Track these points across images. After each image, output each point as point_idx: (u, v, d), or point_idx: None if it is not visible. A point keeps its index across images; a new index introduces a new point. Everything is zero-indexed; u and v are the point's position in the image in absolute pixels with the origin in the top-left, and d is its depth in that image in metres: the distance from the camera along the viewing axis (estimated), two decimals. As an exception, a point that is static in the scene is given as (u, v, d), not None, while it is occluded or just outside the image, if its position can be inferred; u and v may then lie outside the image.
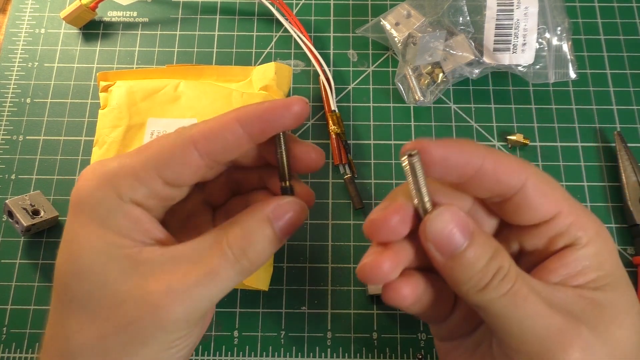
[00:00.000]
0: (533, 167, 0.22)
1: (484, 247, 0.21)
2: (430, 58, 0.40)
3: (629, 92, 0.43)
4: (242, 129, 0.23)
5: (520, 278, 0.21)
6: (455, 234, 0.21)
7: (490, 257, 0.21)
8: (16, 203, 0.37)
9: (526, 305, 0.20)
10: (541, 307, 0.20)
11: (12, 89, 0.43)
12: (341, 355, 0.36)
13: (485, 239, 0.21)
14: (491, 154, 0.22)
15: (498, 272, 0.21)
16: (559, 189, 0.23)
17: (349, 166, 0.40)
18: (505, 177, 0.22)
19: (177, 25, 0.45)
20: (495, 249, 0.21)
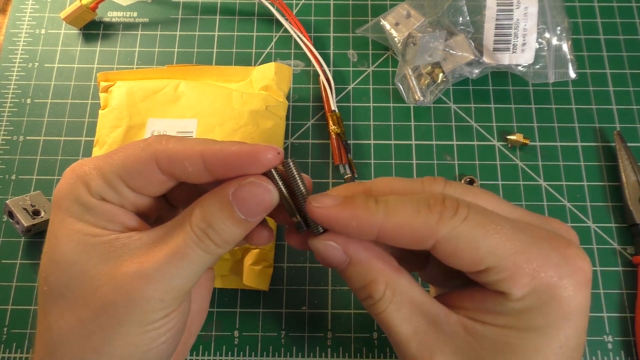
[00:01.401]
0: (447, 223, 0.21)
1: (355, 277, 0.24)
2: (430, 58, 0.40)
3: (628, 92, 0.43)
4: (204, 164, 0.23)
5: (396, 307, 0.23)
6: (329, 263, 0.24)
7: (362, 286, 0.23)
8: (16, 203, 0.37)
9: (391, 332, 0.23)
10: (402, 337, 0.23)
11: (12, 89, 0.43)
12: (341, 355, 0.36)
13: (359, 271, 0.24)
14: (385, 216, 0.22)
15: (368, 298, 0.23)
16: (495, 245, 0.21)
17: (349, 166, 0.40)
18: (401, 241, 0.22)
19: (177, 25, 0.45)
20: (368, 280, 0.23)
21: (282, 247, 0.38)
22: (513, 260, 0.21)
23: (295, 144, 0.41)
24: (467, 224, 0.21)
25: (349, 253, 0.24)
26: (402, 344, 0.23)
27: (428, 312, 0.23)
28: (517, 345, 0.22)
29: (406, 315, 0.23)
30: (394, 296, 0.23)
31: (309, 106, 0.42)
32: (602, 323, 0.36)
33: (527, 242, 0.22)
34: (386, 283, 0.23)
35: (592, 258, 0.38)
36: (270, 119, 0.38)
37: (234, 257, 0.35)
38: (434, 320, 0.23)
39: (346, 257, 0.24)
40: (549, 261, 0.21)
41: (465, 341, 0.22)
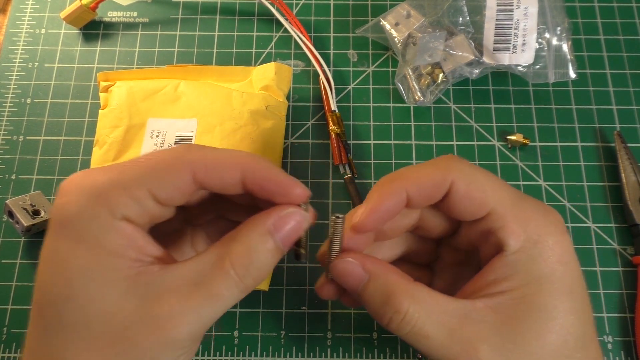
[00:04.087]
0: (458, 168, 0.24)
1: (376, 294, 0.24)
2: (430, 58, 0.40)
3: (628, 92, 0.43)
4: (242, 178, 0.23)
5: (425, 315, 0.23)
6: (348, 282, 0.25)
7: (384, 302, 0.24)
8: (16, 203, 0.37)
9: (428, 342, 0.23)
10: (439, 342, 0.23)
11: (12, 89, 0.43)
12: (341, 355, 0.36)
13: (378, 286, 0.24)
14: (412, 172, 0.25)
15: (395, 315, 0.23)
16: (496, 190, 0.24)
17: (349, 166, 0.40)
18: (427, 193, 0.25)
19: (177, 25, 0.45)
20: (389, 294, 0.23)
21: (282, 247, 0.38)
22: (510, 206, 0.24)
23: (295, 144, 0.41)
24: (473, 169, 0.25)
25: (367, 268, 0.24)
26: (443, 348, 0.23)
27: (455, 309, 0.23)
28: (536, 300, 0.22)
29: (437, 320, 0.23)
30: (420, 305, 0.23)
31: (309, 106, 0.42)
32: (602, 323, 0.36)
33: (518, 197, 0.24)
34: (409, 294, 0.23)
35: (592, 258, 0.38)
36: (270, 119, 0.38)
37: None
38: (463, 315, 0.23)
39: (365, 274, 0.24)
40: (535, 212, 0.24)
41: (497, 320, 0.23)
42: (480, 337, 0.23)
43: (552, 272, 0.23)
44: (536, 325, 0.22)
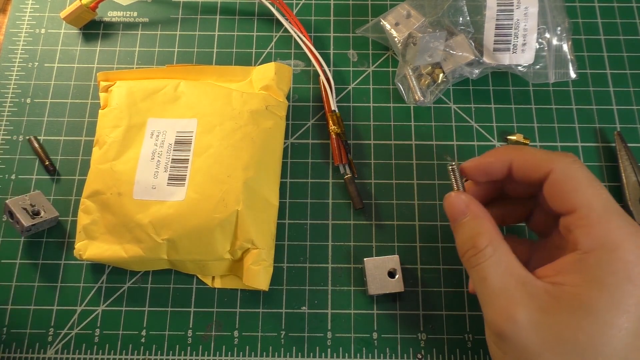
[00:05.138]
0: (564, 162, 0.27)
1: (467, 228, 0.29)
2: (430, 59, 0.40)
3: (629, 92, 0.43)
4: None
5: (494, 262, 0.27)
6: (451, 211, 0.30)
7: (470, 236, 0.28)
8: (16, 203, 0.37)
9: (484, 284, 0.27)
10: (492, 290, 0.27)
11: (12, 89, 0.43)
12: (341, 355, 0.36)
13: (472, 223, 0.29)
14: (520, 152, 0.29)
15: (472, 249, 0.28)
16: (589, 193, 0.26)
17: (349, 166, 0.40)
18: (525, 170, 0.29)
19: (177, 25, 0.45)
20: (476, 232, 0.28)
21: (282, 247, 0.38)
22: (597, 211, 0.25)
23: (295, 144, 0.41)
24: (578, 167, 0.27)
25: (471, 207, 0.29)
26: (493, 295, 0.27)
27: (519, 274, 0.27)
28: (589, 303, 0.24)
29: (501, 272, 0.27)
30: (495, 253, 0.27)
31: (309, 106, 0.42)
32: None
33: (615, 210, 0.26)
34: (490, 240, 0.28)
35: (592, 258, 0.38)
36: (270, 119, 0.38)
37: (233, 257, 0.35)
38: (522, 282, 0.26)
39: (466, 210, 0.29)
40: (625, 229, 0.25)
41: (546, 302, 0.25)
42: (525, 305, 0.25)
43: (616, 284, 0.24)
44: (579, 325, 0.24)
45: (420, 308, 0.37)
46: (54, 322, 0.36)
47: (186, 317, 0.37)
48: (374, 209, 0.39)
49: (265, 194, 0.36)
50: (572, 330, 0.24)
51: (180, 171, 0.36)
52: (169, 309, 0.37)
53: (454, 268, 0.38)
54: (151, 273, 0.38)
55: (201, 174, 0.36)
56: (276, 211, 0.37)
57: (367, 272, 0.36)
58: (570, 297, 0.25)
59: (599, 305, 0.24)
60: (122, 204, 0.35)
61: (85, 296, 0.37)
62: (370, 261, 0.36)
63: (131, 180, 0.36)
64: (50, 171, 0.40)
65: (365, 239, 0.38)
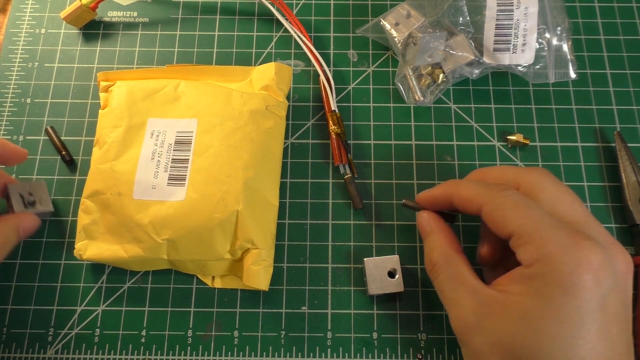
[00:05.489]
0: (489, 195, 0.30)
1: (426, 244, 0.33)
2: (430, 59, 0.40)
3: (629, 92, 0.43)
4: None
5: (447, 274, 0.30)
6: (420, 229, 0.34)
7: (428, 251, 0.32)
8: (16, 189, 0.36)
9: (441, 295, 0.31)
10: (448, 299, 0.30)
11: (12, 89, 0.43)
12: (341, 355, 0.36)
13: (429, 239, 0.33)
14: (457, 188, 0.32)
15: (429, 263, 0.32)
16: (520, 216, 0.28)
17: (349, 166, 0.40)
18: (462, 205, 0.31)
19: (177, 25, 0.45)
20: (432, 247, 0.32)
21: (282, 247, 0.38)
22: (529, 231, 0.27)
23: (295, 144, 0.41)
24: (505, 196, 0.29)
25: (431, 224, 0.33)
26: (450, 304, 0.30)
27: (469, 284, 0.29)
28: (527, 311, 0.26)
29: (453, 283, 0.30)
30: (447, 266, 0.30)
31: (309, 106, 0.42)
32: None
33: (549, 226, 0.27)
34: (442, 254, 0.31)
35: (592, 258, 0.38)
36: (270, 119, 0.38)
37: (233, 257, 0.35)
38: (473, 291, 0.29)
39: (430, 227, 0.33)
40: (560, 242, 0.26)
41: (492, 308, 0.27)
42: (474, 312, 0.28)
43: (551, 295, 0.26)
44: (517, 331, 0.26)
45: (420, 308, 0.37)
46: (54, 322, 0.36)
47: (186, 317, 0.37)
48: (374, 209, 0.39)
49: (265, 194, 0.36)
50: (511, 335, 0.26)
51: (180, 171, 0.36)
52: (169, 309, 0.37)
53: (454, 268, 0.38)
54: (151, 273, 0.38)
55: (201, 174, 0.36)
56: (276, 211, 0.37)
57: (367, 272, 0.36)
58: (512, 305, 0.27)
59: (535, 313, 0.26)
60: (122, 204, 0.35)
61: (85, 296, 0.37)
62: (370, 261, 0.36)
63: (131, 180, 0.36)
64: (67, 162, 0.40)
65: (365, 239, 0.38)
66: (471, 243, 0.38)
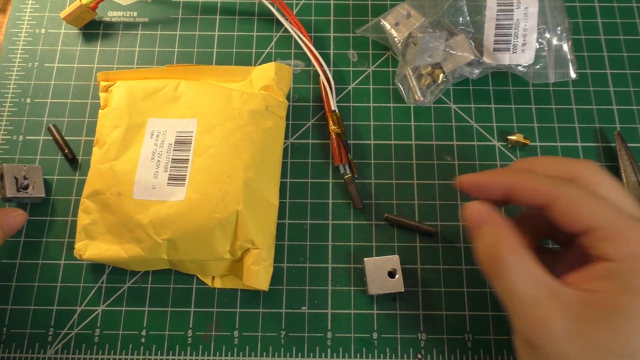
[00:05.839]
0: (564, 189, 0.27)
1: (488, 236, 0.28)
2: (430, 59, 0.40)
3: (629, 92, 0.43)
4: None
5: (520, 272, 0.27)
6: (471, 219, 0.29)
7: (491, 244, 0.28)
8: (11, 170, 0.37)
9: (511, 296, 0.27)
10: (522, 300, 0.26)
11: (12, 89, 0.43)
12: (341, 355, 0.36)
13: (493, 231, 0.28)
14: (522, 179, 0.29)
15: (493, 258, 0.28)
16: (603, 209, 0.26)
17: (349, 166, 0.40)
18: (527, 197, 0.28)
19: (177, 25, 0.45)
20: (497, 240, 0.28)
21: (282, 247, 0.38)
22: (615, 226, 0.25)
23: (295, 144, 0.41)
24: (581, 193, 0.26)
25: (492, 216, 0.29)
26: (524, 305, 0.26)
27: (548, 283, 0.26)
28: (625, 310, 0.24)
29: (529, 282, 0.26)
30: (520, 263, 0.27)
31: (309, 106, 0.42)
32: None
33: (631, 219, 0.25)
34: (513, 249, 0.27)
35: (592, 258, 0.38)
36: (270, 119, 0.38)
37: (233, 257, 0.35)
38: (552, 291, 0.26)
39: (487, 219, 0.29)
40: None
41: (580, 310, 0.25)
42: (559, 315, 0.25)
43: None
44: (617, 332, 0.24)
45: (420, 308, 0.37)
46: (54, 322, 0.36)
47: (186, 317, 0.37)
48: (374, 209, 0.39)
49: (265, 194, 0.36)
50: (610, 337, 0.24)
51: (180, 171, 0.36)
52: (169, 309, 0.37)
53: (454, 268, 0.38)
54: (151, 273, 0.38)
55: (201, 174, 0.36)
56: (276, 211, 0.37)
57: (367, 272, 0.36)
58: (606, 304, 0.25)
59: (636, 311, 0.24)
60: (122, 204, 0.35)
61: (85, 296, 0.37)
62: (370, 261, 0.36)
63: (131, 180, 0.36)
64: (69, 160, 0.40)
65: (365, 239, 0.38)
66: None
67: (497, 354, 0.36)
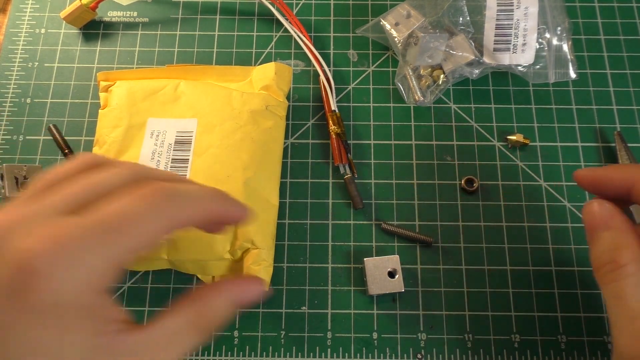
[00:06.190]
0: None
1: (607, 240, 0.26)
2: (430, 60, 0.40)
3: (629, 92, 0.43)
4: None
5: (636, 281, 0.25)
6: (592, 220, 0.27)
7: (610, 249, 0.26)
8: (12, 170, 0.37)
9: (619, 303, 0.25)
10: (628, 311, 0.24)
11: (12, 89, 0.43)
12: (341, 355, 0.36)
13: (614, 235, 0.26)
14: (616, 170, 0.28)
15: (610, 264, 0.25)
16: None
17: (349, 166, 0.40)
18: (614, 182, 0.27)
19: (177, 25, 0.45)
20: (617, 245, 0.26)
21: (282, 247, 0.38)
22: None
23: (295, 144, 0.41)
24: None
25: (616, 219, 0.27)
26: (630, 317, 0.24)
27: None
28: None
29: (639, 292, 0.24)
30: (638, 271, 0.25)
31: (309, 106, 0.42)
32: (602, 323, 0.36)
33: None
34: (634, 256, 0.25)
35: (592, 258, 0.38)
36: (270, 119, 0.38)
37: (233, 257, 0.35)
38: None
39: (609, 222, 0.27)
40: None
41: None
42: None
43: None
44: None
45: (420, 308, 0.37)
46: (54, 322, 0.36)
47: (186, 317, 0.37)
48: (374, 209, 0.39)
49: (265, 194, 0.36)
50: None
51: (180, 171, 0.36)
52: (169, 309, 0.37)
53: (454, 268, 0.38)
54: (151, 273, 0.38)
55: (201, 174, 0.36)
56: (276, 211, 0.37)
57: (367, 272, 0.36)
58: None
59: None
60: (122, 204, 0.35)
61: (85, 296, 0.37)
62: (370, 261, 0.36)
63: (131, 180, 0.36)
64: None
65: (365, 239, 0.38)
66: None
67: (497, 354, 0.36)
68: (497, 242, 0.38)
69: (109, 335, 0.20)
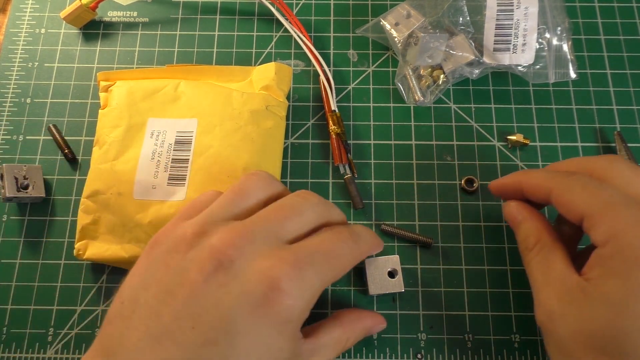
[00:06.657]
0: (558, 180, 0.30)
1: (522, 230, 0.32)
2: (430, 60, 0.40)
3: (629, 92, 0.43)
4: None
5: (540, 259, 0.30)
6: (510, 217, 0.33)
7: (524, 237, 0.32)
8: (11, 170, 0.37)
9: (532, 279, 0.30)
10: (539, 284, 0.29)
11: (12, 89, 0.43)
12: (341, 355, 0.36)
13: (525, 225, 0.32)
14: (526, 176, 0.32)
15: (525, 249, 0.31)
16: (590, 197, 0.27)
17: (349, 166, 0.40)
18: (532, 192, 0.31)
19: (177, 25, 0.45)
20: (528, 233, 0.31)
21: (282, 247, 0.38)
22: (598, 209, 0.27)
23: (295, 144, 0.41)
24: (572, 181, 0.29)
25: (524, 212, 0.32)
26: (537, 290, 0.29)
27: (560, 270, 0.28)
28: (606, 294, 0.25)
29: (544, 268, 0.29)
30: (541, 251, 0.30)
31: (309, 106, 0.42)
32: (602, 323, 0.36)
33: (619, 203, 0.27)
34: (538, 239, 0.30)
35: (592, 258, 0.38)
36: (270, 119, 0.38)
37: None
38: (561, 278, 0.28)
39: (521, 216, 0.32)
40: (630, 218, 0.26)
41: (576, 295, 0.27)
42: (560, 299, 0.27)
43: (628, 272, 0.25)
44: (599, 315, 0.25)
45: (420, 308, 0.37)
46: (54, 322, 0.36)
47: (186, 317, 0.37)
48: (374, 209, 0.39)
49: (265, 194, 0.36)
50: (594, 321, 0.25)
51: (181, 171, 0.36)
52: (169, 309, 0.37)
53: (454, 268, 0.38)
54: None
55: (201, 174, 0.36)
56: (276, 211, 0.37)
57: (367, 272, 0.36)
58: (593, 290, 0.26)
59: (615, 294, 0.25)
60: (122, 204, 0.35)
61: (85, 296, 0.37)
62: (370, 261, 0.36)
63: (131, 180, 0.36)
64: (69, 159, 0.40)
65: (365, 239, 0.38)
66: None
67: (497, 354, 0.36)
68: (497, 242, 0.38)
69: (300, 341, 0.27)
